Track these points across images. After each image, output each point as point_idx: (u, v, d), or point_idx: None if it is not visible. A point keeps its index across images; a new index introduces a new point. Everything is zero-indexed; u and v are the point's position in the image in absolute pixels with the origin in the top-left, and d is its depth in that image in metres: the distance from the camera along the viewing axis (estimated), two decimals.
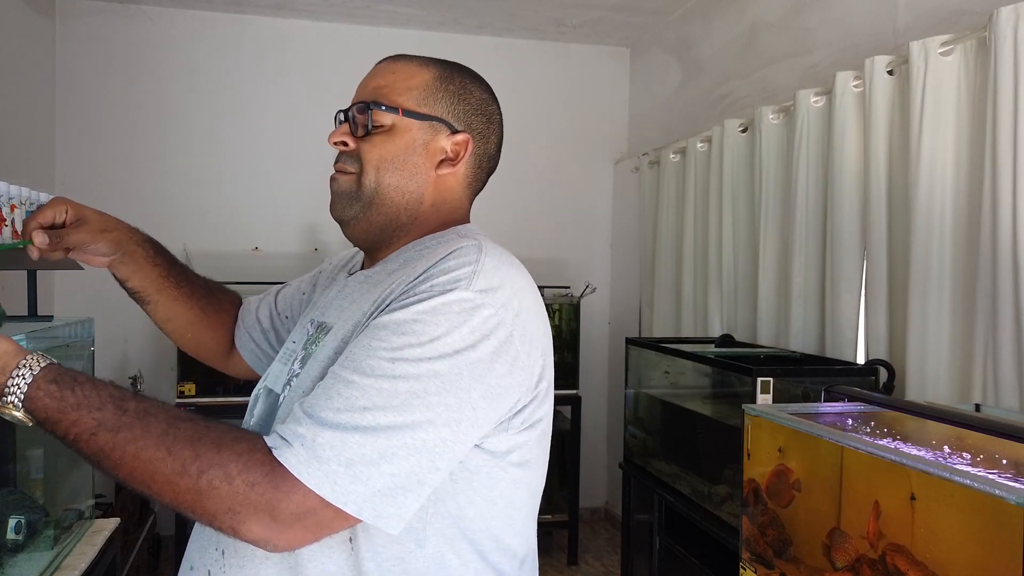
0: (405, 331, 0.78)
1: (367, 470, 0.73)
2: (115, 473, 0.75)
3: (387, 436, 0.74)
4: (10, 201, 1.66)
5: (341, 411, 0.75)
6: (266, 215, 3.95)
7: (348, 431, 0.74)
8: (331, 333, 0.90)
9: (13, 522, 1.53)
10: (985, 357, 1.84)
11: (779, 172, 2.73)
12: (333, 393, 0.76)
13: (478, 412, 0.79)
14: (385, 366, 0.76)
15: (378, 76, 0.97)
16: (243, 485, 0.72)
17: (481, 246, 0.86)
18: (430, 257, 0.86)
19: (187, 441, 0.74)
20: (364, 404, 0.75)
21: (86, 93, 3.75)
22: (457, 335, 0.78)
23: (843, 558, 1.37)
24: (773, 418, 1.61)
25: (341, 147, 0.96)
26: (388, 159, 0.93)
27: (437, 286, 0.80)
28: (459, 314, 0.79)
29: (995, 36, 1.83)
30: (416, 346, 0.77)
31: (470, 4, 3.74)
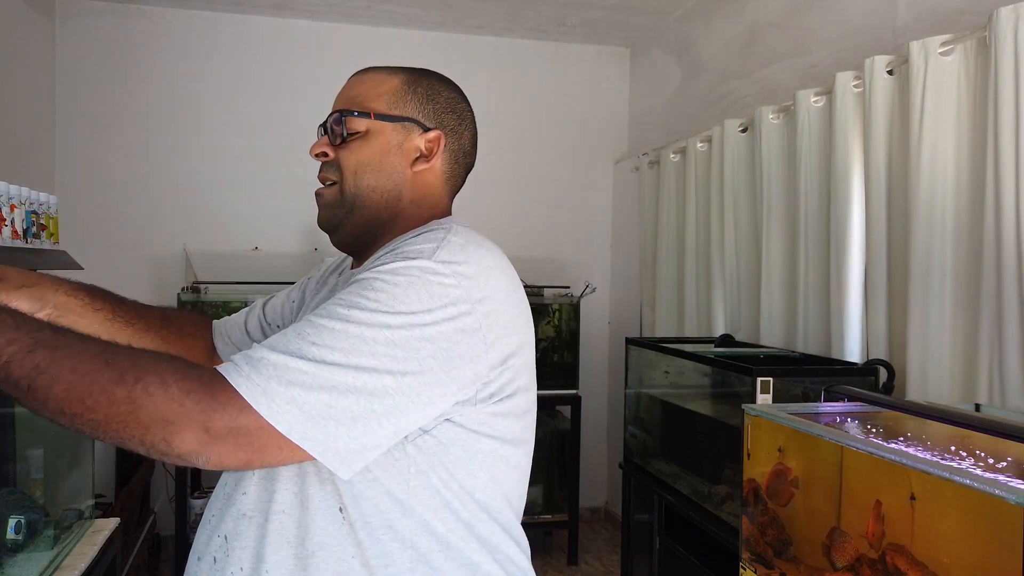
0: (364, 287, 0.82)
1: (304, 394, 0.76)
2: (47, 391, 0.72)
3: (330, 370, 0.77)
4: (10, 201, 1.66)
5: (290, 342, 0.78)
6: (266, 215, 3.95)
7: (293, 357, 0.77)
8: None
9: (13, 522, 1.53)
10: (991, 357, 1.84)
11: (781, 172, 2.73)
12: (289, 332, 0.80)
13: (427, 373, 0.81)
14: (340, 311, 0.80)
15: (350, 87, 1.03)
16: (178, 392, 0.73)
17: (452, 228, 0.91)
18: (403, 239, 0.91)
19: (126, 355, 0.75)
20: (313, 340, 0.78)
21: (86, 93, 3.75)
22: (414, 296, 0.82)
23: (843, 558, 1.37)
24: (773, 418, 1.61)
25: (322, 158, 1.02)
26: (365, 162, 0.99)
27: (401, 254, 0.85)
28: (418, 278, 0.83)
29: (995, 36, 1.83)
30: (372, 300, 0.81)
31: (470, 4, 3.74)
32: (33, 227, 1.75)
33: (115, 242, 3.75)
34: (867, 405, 1.70)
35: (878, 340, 2.24)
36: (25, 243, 1.72)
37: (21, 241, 1.69)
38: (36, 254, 1.78)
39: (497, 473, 0.91)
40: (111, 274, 3.66)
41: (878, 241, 2.24)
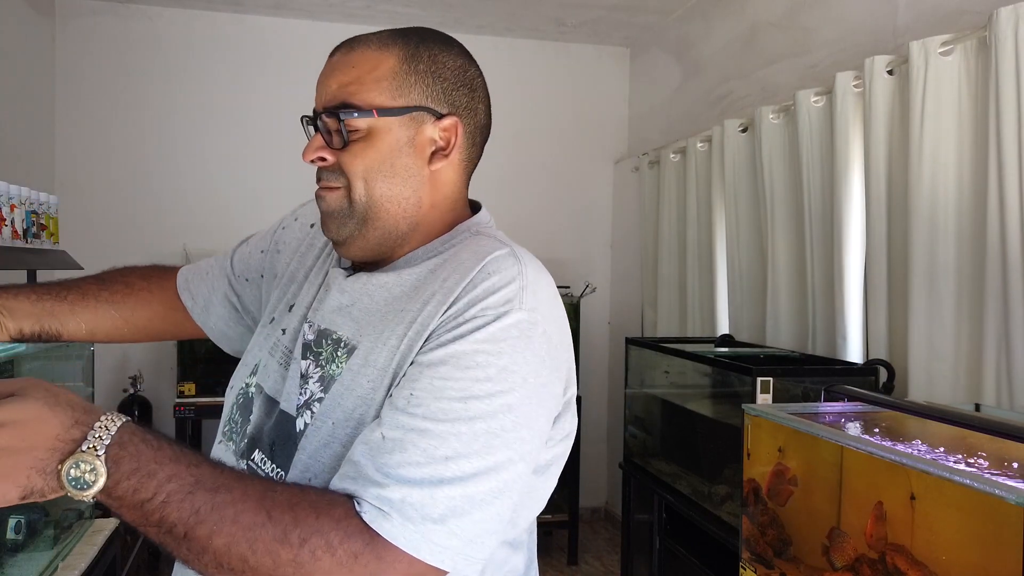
0: (469, 364, 0.73)
1: (460, 523, 0.70)
2: (206, 542, 0.66)
3: (474, 483, 0.71)
4: (10, 201, 1.66)
5: (422, 465, 0.71)
6: (266, 215, 3.93)
7: (435, 486, 0.70)
8: (357, 356, 0.82)
9: (13, 522, 1.53)
10: (997, 357, 1.84)
11: (783, 172, 2.73)
12: (408, 445, 0.71)
13: (543, 436, 0.78)
14: (458, 408, 0.72)
15: (338, 73, 0.87)
16: (346, 556, 0.68)
17: (515, 254, 0.81)
18: (459, 267, 0.80)
19: (286, 505, 0.68)
20: (445, 453, 0.71)
21: (86, 93, 3.75)
22: (521, 361, 0.74)
23: (842, 558, 1.37)
24: (773, 418, 1.61)
25: (319, 163, 0.87)
26: (374, 167, 0.84)
27: (490, 309, 0.75)
28: (519, 339, 0.75)
29: (995, 37, 1.83)
30: (484, 381, 0.73)
31: (470, 4, 3.74)
32: (33, 227, 1.75)
33: (115, 242, 3.75)
34: (867, 405, 1.70)
35: (878, 340, 2.24)
36: (25, 243, 1.72)
37: (21, 241, 1.69)
38: (36, 254, 1.78)
39: (533, 507, 0.87)
40: None
41: (878, 241, 2.24)
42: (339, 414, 0.81)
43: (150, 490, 0.65)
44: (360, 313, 0.86)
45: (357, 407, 0.80)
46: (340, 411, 0.81)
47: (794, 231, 2.68)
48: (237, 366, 1.02)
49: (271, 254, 1.10)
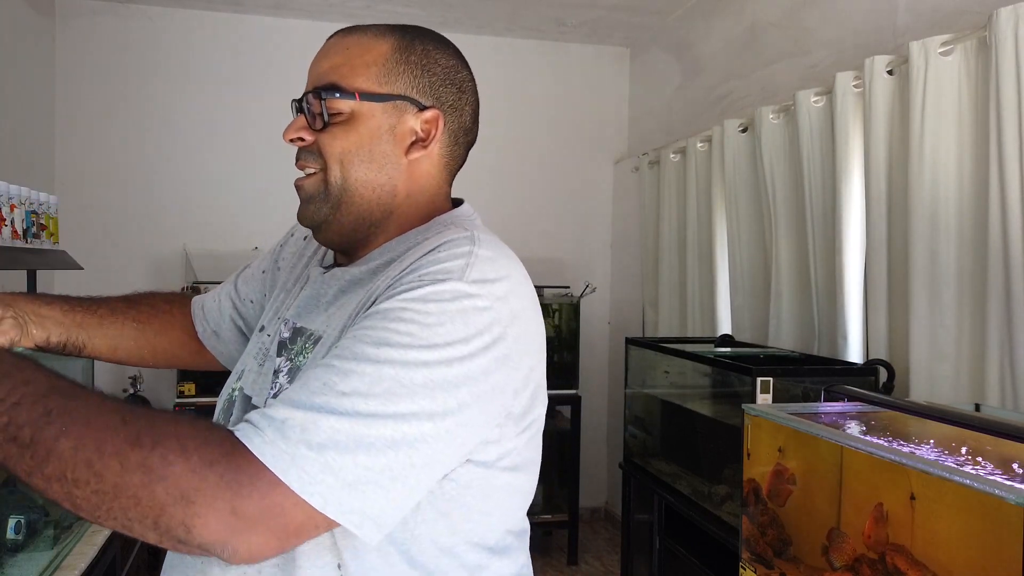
0: (392, 319, 0.71)
1: (340, 458, 0.65)
2: (51, 445, 0.61)
3: (366, 424, 0.66)
4: (10, 201, 1.66)
5: (317, 393, 0.67)
6: (266, 215, 3.95)
7: (323, 413, 0.66)
8: (321, 344, 0.83)
9: (13, 522, 1.53)
10: (1001, 357, 1.83)
11: (784, 172, 2.73)
12: (311, 378, 0.69)
13: (464, 411, 0.72)
14: (369, 351, 0.69)
15: (330, 55, 0.86)
16: (200, 463, 0.62)
17: (474, 237, 0.80)
18: (418, 251, 0.80)
19: (144, 415, 0.65)
20: (343, 388, 0.67)
21: (86, 93, 3.75)
22: (450, 327, 0.72)
23: (841, 558, 1.37)
24: (773, 418, 1.61)
25: (298, 143, 0.87)
26: (352, 151, 0.84)
27: (427, 276, 0.74)
28: (451, 302, 0.72)
29: (995, 37, 1.83)
30: (404, 334, 0.70)
31: (470, 4, 3.74)
32: (33, 227, 1.75)
33: (115, 242, 3.75)
34: (867, 405, 1.70)
35: (878, 340, 2.24)
36: (25, 243, 1.72)
37: (21, 241, 1.69)
38: (36, 254, 1.78)
39: (509, 507, 0.84)
40: (111, 274, 3.67)
41: (879, 241, 2.24)
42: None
43: (3, 390, 0.62)
44: (332, 307, 0.86)
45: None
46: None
47: (796, 231, 2.68)
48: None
49: (272, 272, 1.10)
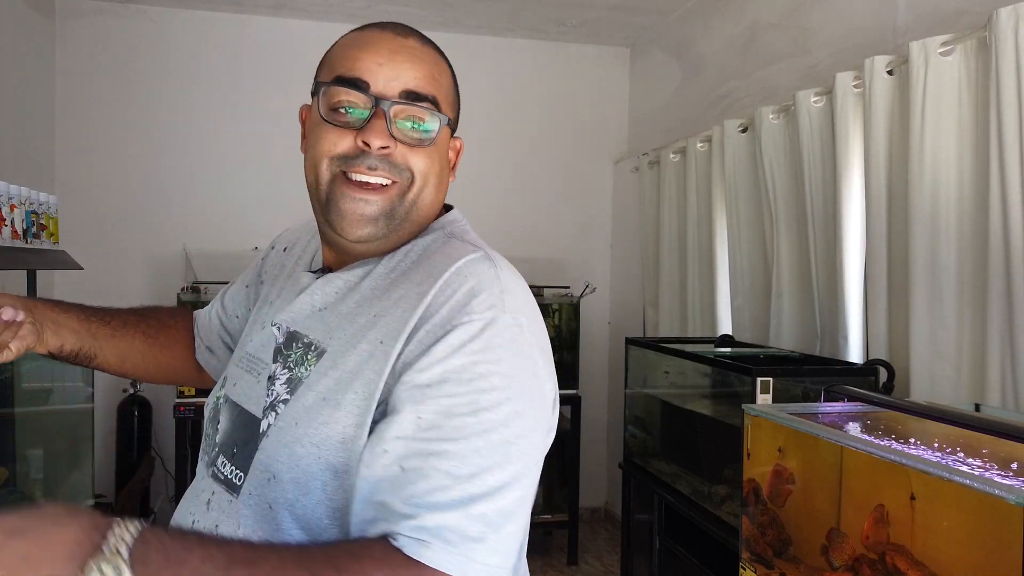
0: (471, 377, 0.72)
1: (498, 537, 0.70)
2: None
3: (502, 495, 0.71)
4: (10, 201, 1.66)
5: (449, 488, 0.69)
6: (266, 215, 3.95)
7: (467, 505, 0.69)
8: (326, 358, 0.80)
9: None
10: (1002, 358, 1.83)
11: (784, 173, 2.73)
12: (430, 471, 0.70)
13: (549, 433, 0.79)
14: (471, 423, 0.71)
15: (416, 60, 0.82)
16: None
17: (489, 257, 0.80)
18: (431, 271, 0.79)
19: (325, 559, 0.67)
20: (469, 471, 0.70)
21: (86, 93, 3.75)
22: (519, 365, 0.74)
23: (840, 558, 1.37)
24: (773, 418, 1.61)
25: (382, 151, 0.80)
26: (435, 173, 0.84)
27: (475, 315, 0.74)
28: (512, 344, 0.74)
29: (995, 37, 1.83)
30: (490, 391, 0.72)
31: (470, 4, 3.74)
32: (33, 227, 1.75)
33: (115, 242, 3.75)
34: (867, 405, 1.70)
35: (878, 340, 2.24)
36: (25, 243, 1.72)
37: (21, 241, 1.69)
38: (36, 254, 1.78)
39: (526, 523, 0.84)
40: (111, 274, 3.68)
41: (879, 241, 2.24)
42: (302, 414, 0.78)
43: (187, 573, 0.64)
44: (330, 315, 0.84)
45: (317, 404, 0.78)
46: (304, 411, 0.78)
47: (796, 231, 2.68)
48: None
49: (255, 286, 1.09)
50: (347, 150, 0.81)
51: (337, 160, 0.81)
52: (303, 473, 0.76)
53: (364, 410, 0.75)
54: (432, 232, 0.87)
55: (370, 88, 0.80)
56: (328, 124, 0.81)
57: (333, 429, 0.75)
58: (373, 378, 0.75)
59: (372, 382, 0.75)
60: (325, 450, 0.75)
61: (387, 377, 0.75)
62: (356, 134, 0.80)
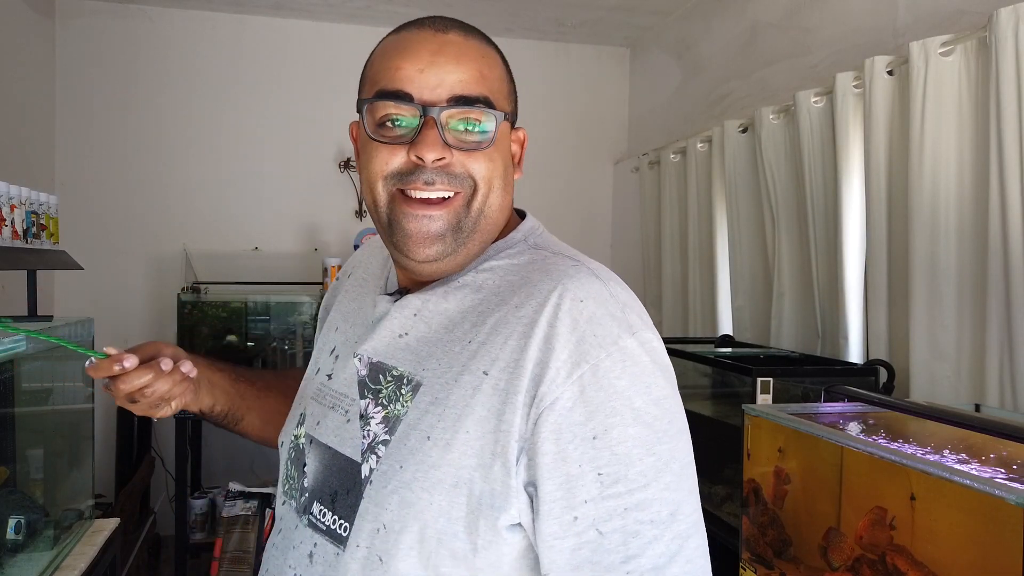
0: (634, 416, 0.68)
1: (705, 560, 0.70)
2: None
3: (698, 522, 0.70)
4: (10, 201, 1.66)
5: (659, 538, 0.67)
6: (266, 215, 3.95)
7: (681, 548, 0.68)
8: (423, 393, 0.74)
9: (13, 522, 1.53)
10: (1001, 358, 1.83)
11: (785, 173, 2.73)
12: (635, 526, 0.66)
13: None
14: (651, 462, 0.68)
15: (461, 59, 0.75)
16: None
17: (591, 271, 0.76)
18: (533, 293, 0.73)
19: None
20: (669, 511, 0.67)
21: (86, 93, 3.75)
22: (663, 382, 0.71)
23: (839, 558, 1.37)
24: (773, 418, 1.61)
25: (438, 163, 0.74)
26: (499, 175, 0.77)
27: (610, 346, 0.69)
28: (652, 362, 0.71)
29: (995, 37, 1.83)
30: (652, 423, 0.68)
31: (470, 4, 3.74)
32: (33, 227, 1.75)
33: (115, 242, 3.75)
34: (867, 405, 1.70)
35: (878, 340, 2.24)
36: (25, 243, 1.72)
37: (21, 241, 1.70)
38: (36, 254, 1.78)
39: None
40: (111, 274, 3.68)
41: (879, 241, 2.24)
42: (408, 457, 0.72)
43: None
44: (416, 343, 0.77)
45: (422, 445, 0.72)
46: (409, 453, 0.72)
47: (796, 232, 2.68)
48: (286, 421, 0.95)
49: (322, 321, 1.03)
50: (401, 166, 0.75)
51: (392, 178, 0.76)
52: (414, 520, 0.70)
53: (484, 451, 0.69)
54: (514, 246, 0.81)
55: (415, 98, 0.73)
56: (377, 142, 0.75)
57: (446, 472, 0.69)
58: (488, 416, 0.69)
59: (488, 420, 0.69)
60: (438, 496, 0.69)
61: (515, 418, 0.68)
62: (408, 148, 0.74)
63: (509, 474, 0.68)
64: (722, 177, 3.12)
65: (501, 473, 0.68)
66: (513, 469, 0.68)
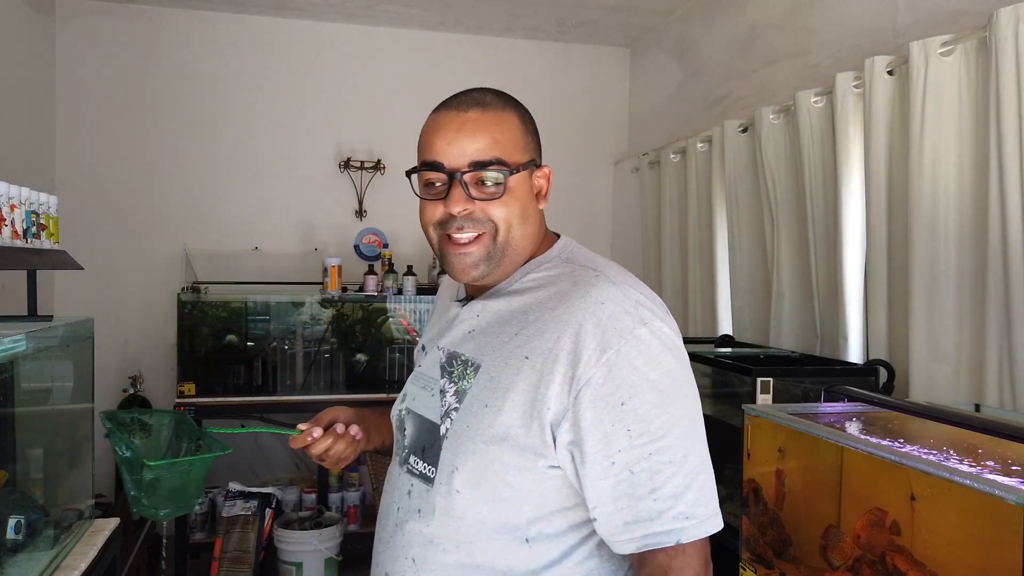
0: (650, 386, 0.91)
1: (714, 491, 0.94)
2: None
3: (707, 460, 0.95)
4: (10, 201, 1.66)
5: (676, 473, 0.90)
6: (266, 215, 3.95)
7: (692, 482, 0.91)
8: (483, 372, 1.00)
9: (13, 522, 1.53)
10: (1000, 358, 1.83)
11: (785, 173, 2.73)
12: (658, 466, 0.91)
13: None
14: (666, 419, 0.91)
15: (478, 134, 1.00)
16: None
17: (609, 279, 0.98)
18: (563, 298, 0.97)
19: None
20: (683, 453, 0.91)
21: (86, 93, 3.75)
22: (673, 358, 0.95)
23: (839, 557, 1.37)
24: (773, 418, 1.61)
25: (462, 213, 1.00)
26: (517, 214, 1.01)
27: (627, 334, 0.92)
28: (662, 344, 0.94)
29: (995, 37, 1.83)
30: (666, 391, 0.92)
31: (470, 4, 3.73)
32: (33, 227, 1.75)
33: (115, 242, 3.75)
34: (867, 405, 1.70)
35: (878, 340, 2.24)
36: (25, 243, 1.72)
37: (21, 241, 1.70)
38: (36, 254, 1.78)
39: None
40: (111, 274, 3.68)
41: (879, 241, 2.24)
42: (472, 419, 0.98)
43: None
44: (478, 336, 1.04)
45: (481, 411, 0.98)
46: (472, 416, 0.98)
47: (796, 232, 2.68)
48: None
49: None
50: (441, 217, 1.02)
51: (437, 226, 1.03)
52: (477, 464, 0.96)
53: (524, 415, 0.94)
54: (550, 261, 1.05)
55: (445, 166, 0.99)
56: (425, 200, 1.04)
57: (497, 429, 0.95)
58: (527, 389, 0.94)
59: (527, 392, 0.94)
60: (493, 446, 0.95)
61: (553, 391, 0.93)
62: (443, 203, 1.01)
63: (544, 432, 0.93)
64: (722, 177, 3.11)
65: (538, 431, 0.93)
66: (548, 429, 0.93)
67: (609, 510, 0.92)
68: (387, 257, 3.81)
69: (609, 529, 0.93)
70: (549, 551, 0.96)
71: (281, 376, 3.62)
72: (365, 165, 3.94)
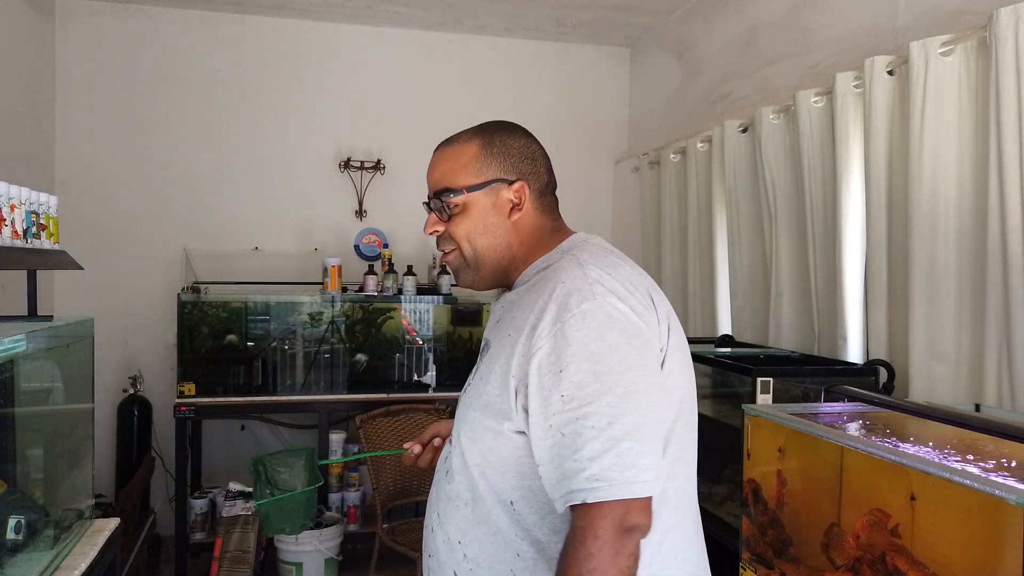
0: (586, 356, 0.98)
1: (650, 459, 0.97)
2: None
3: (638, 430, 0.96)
4: (10, 201, 1.66)
5: (597, 437, 0.96)
6: (266, 215, 3.95)
7: (615, 446, 0.95)
8: (491, 350, 1.14)
9: (13, 522, 1.53)
10: (999, 357, 1.83)
11: (784, 173, 2.73)
12: (582, 430, 0.97)
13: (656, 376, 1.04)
14: (596, 387, 0.97)
15: (437, 166, 1.18)
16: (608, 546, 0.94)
17: (579, 262, 1.06)
18: (547, 283, 1.06)
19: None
20: (607, 420, 0.96)
21: (86, 93, 3.75)
22: (617, 332, 1.00)
23: (841, 556, 1.37)
24: (773, 418, 1.61)
25: (435, 233, 1.19)
26: (472, 230, 1.16)
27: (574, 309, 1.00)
28: (608, 318, 1.00)
29: (995, 37, 1.83)
30: (602, 360, 0.98)
31: (470, 4, 3.73)
32: (33, 227, 1.75)
33: (115, 242, 3.75)
34: (867, 405, 1.70)
35: (878, 340, 2.24)
36: (25, 243, 1.72)
37: (21, 241, 1.69)
38: (36, 254, 1.78)
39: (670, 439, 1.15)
40: (111, 274, 3.68)
41: (879, 241, 2.24)
42: (472, 390, 1.15)
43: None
44: (499, 324, 1.16)
45: (478, 383, 1.12)
46: (473, 388, 1.15)
47: (796, 232, 2.68)
48: None
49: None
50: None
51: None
52: (471, 429, 1.11)
53: (500, 384, 1.06)
54: (558, 251, 1.16)
55: (427, 196, 1.20)
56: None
57: (484, 398, 1.09)
58: (504, 360, 1.07)
59: (504, 363, 1.07)
60: (480, 413, 1.09)
61: (516, 360, 1.04)
62: None
63: (510, 396, 1.05)
64: (722, 177, 3.11)
65: (507, 397, 1.06)
66: (512, 393, 1.05)
67: (547, 469, 1.01)
68: (387, 257, 3.81)
69: (548, 488, 1.02)
70: (531, 515, 1.06)
71: (281, 376, 3.62)
72: (365, 165, 3.94)
